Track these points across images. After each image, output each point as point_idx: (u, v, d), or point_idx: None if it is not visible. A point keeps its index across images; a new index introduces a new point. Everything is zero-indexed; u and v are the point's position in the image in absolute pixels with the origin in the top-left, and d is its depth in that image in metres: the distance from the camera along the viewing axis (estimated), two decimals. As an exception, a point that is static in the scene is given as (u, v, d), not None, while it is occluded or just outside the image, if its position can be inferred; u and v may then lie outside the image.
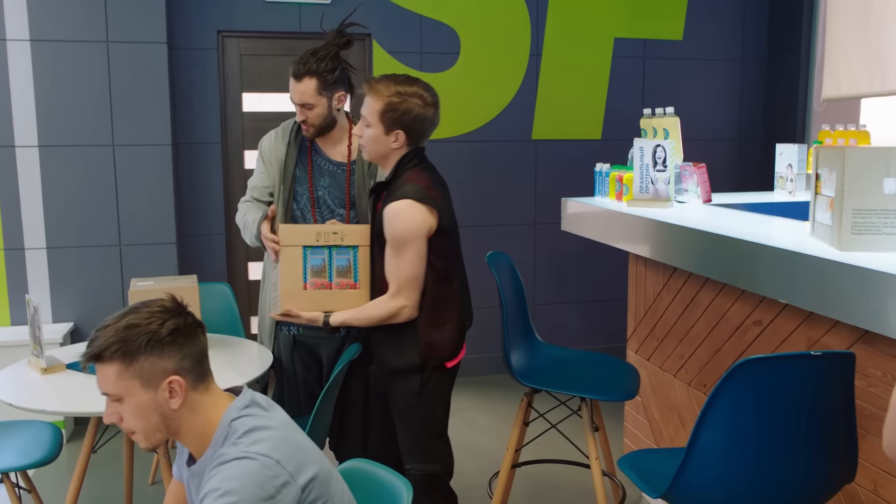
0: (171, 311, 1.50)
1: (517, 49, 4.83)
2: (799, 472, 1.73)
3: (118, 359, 1.44)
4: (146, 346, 1.45)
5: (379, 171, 2.70)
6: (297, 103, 2.70)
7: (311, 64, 2.66)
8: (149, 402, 1.47)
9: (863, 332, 2.06)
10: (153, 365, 1.46)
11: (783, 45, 5.05)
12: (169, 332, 1.47)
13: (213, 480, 1.40)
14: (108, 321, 1.48)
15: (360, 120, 2.42)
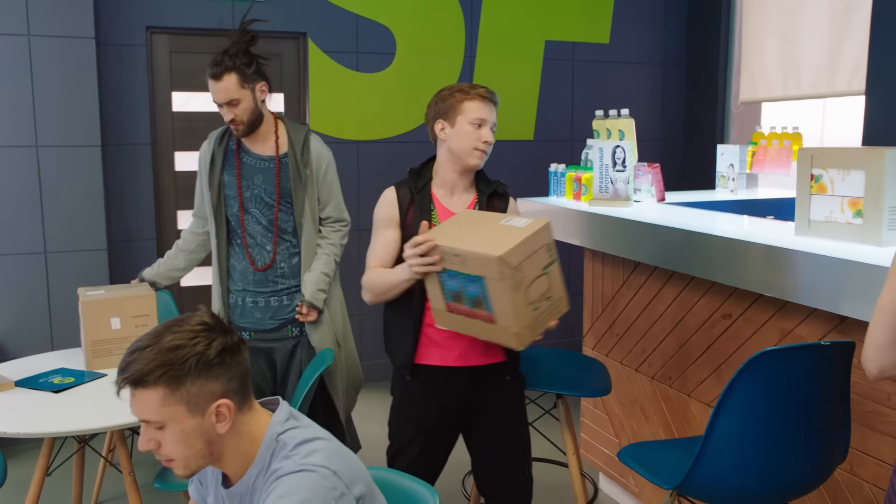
0: (214, 327, 1.40)
1: (452, 50, 4.84)
2: (803, 456, 1.82)
3: (163, 383, 1.33)
4: (194, 368, 1.34)
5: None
6: (222, 103, 2.70)
7: (226, 61, 2.68)
8: (194, 429, 1.37)
9: (837, 322, 2.19)
10: (200, 389, 1.36)
11: (702, 49, 5.29)
12: (217, 352, 1.37)
13: (273, 497, 1.33)
14: (144, 342, 1.36)
15: (490, 128, 2.31)
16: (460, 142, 2.27)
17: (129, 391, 1.37)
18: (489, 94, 2.30)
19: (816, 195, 2.18)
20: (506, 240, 1.94)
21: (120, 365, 1.37)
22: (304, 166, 2.80)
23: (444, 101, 2.31)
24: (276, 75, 4.55)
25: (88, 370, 2.71)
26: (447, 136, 2.30)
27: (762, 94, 4.90)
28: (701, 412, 2.76)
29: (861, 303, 1.94)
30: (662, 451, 2.14)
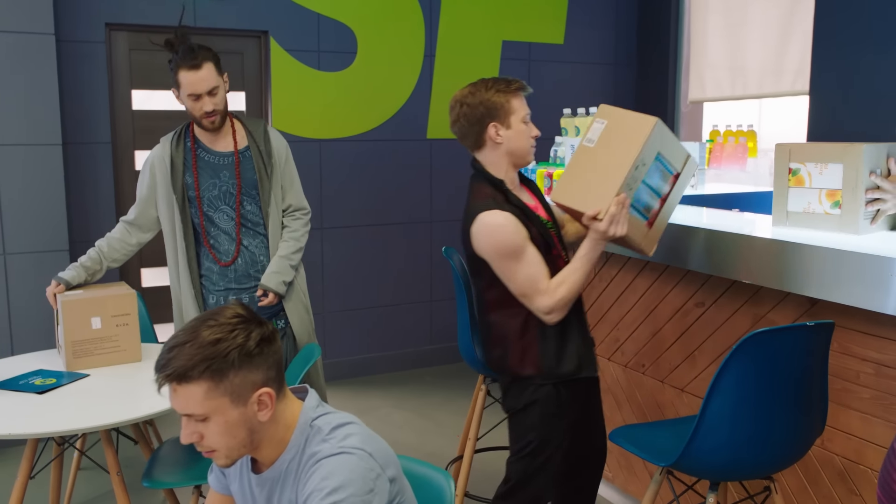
0: (249, 319, 1.43)
1: (412, 50, 4.90)
2: (789, 430, 1.95)
3: (207, 377, 1.36)
4: (237, 360, 1.37)
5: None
6: (203, 92, 2.68)
7: (202, 50, 2.68)
8: (238, 419, 1.40)
9: (808, 306, 2.33)
10: (243, 379, 1.39)
11: (651, 50, 5.47)
12: (256, 343, 1.40)
13: (314, 479, 1.38)
14: (181, 338, 1.39)
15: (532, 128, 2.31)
16: (519, 142, 2.23)
17: (169, 387, 1.39)
18: (525, 86, 2.27)
19: (794, 188, 2.32)
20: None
21: (159, 363, 1.39)
22: (269, 157, 2.85)
23: (487, 102, 2.19)
24: (238, 74, 4.53)
25: (69, 371, 2.68)
26: (505, 139, 2.22)
27: (710, 94, 5.10)
28: (674, 397, 2.88)
29: (833, 287, 2.09)
30: (652, 432, 2.25)
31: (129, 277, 4.40)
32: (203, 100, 2.68)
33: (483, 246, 2.15)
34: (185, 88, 2.67)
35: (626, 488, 3.20)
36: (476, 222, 2.15)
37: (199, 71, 2.64)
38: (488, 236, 2.13)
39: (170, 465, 2.63)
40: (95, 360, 2.71)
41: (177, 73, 2.67)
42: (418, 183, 5.04)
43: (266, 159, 2.84)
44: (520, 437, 2.30)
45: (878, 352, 2.15)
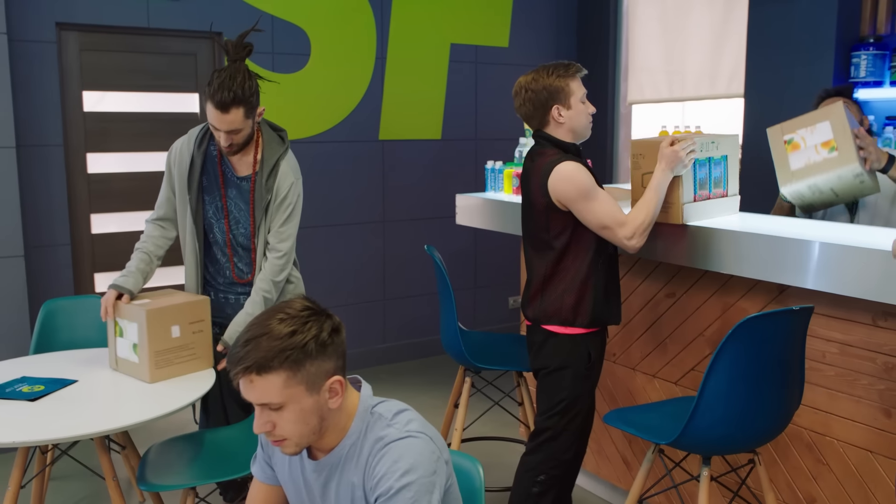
0: (319, 311, 1.50)
1: (364, 52, 4.96)
2: (775, 406, 2.13)
3: (286, 367, 1.42)
4: (314, 350, 1.44)
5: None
6: (223, 131, 2.62)
7: (235, 90, 2.56)
8: (311, 406, 1.47)
9: (776, 294, 2.54)
10: (318, 368, 1.46)
11: (591, 53, 5.69)
12: (329, 333, 1.48)
13: (385, 462, 1.46)
14: (254, 331, 1.45)
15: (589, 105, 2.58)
16: (579, 120, 2.53)
17: (245, 379, 1.44)
18: (581, 69, 2.54)
19: (792, 153, 2.66)
20: None
21: (234, 357, 1.44)
22: (267, 192, 2.78)
23: (550, 87, 2.48)
24: (191, 75, 4.49)
25: (151, 381, 2.59)
26: (566, 118, 2.51)
27: (649, 96, 5.36)
28: (646, 383, 3.06)
29: (800, 273, 2.30)
30: (642, 414, 2.40)
31: (81, 283, 4.31)
32: (220, 133, 2.63)
33: (563, 191, 2.42)
34: (209, 116, 2.61)
35: (598, 472, 3.37)
36: (554, 173, 2.43)
37: (226, 114, 2.57)
38: (568, 181, 2.41)
39: (162, 469, 2.63)
40: (175, 369, 2.64)
41: (206, 101, 2.60)
42: (371, 184, 5.11)
43: (262, 193, 2.76)
44: (551, 396, 2.56)
45: (842, 333, 2.37)
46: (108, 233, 4.37)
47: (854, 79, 4.11)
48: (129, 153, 4.40)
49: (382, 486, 1.44)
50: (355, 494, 1.52)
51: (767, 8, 4.40)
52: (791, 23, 4.29)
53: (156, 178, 4.41)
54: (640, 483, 2.38)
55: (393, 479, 1.43)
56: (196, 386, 2.59)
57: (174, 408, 2.41)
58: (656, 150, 2.51)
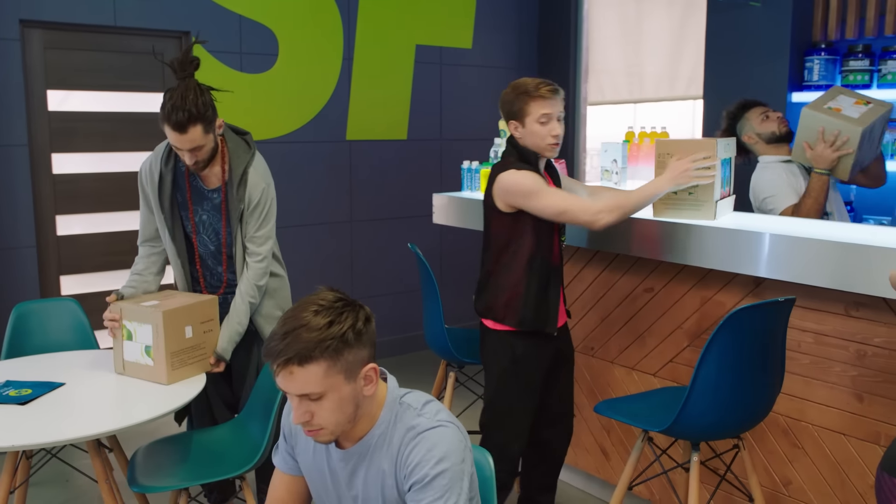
0: (350, 302, 1.55)
1: (331, 53, 4.97)
2: (760, 392, 2.25)
3: (326, 357, 1.46)
4: (353, 340, 1.49)
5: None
6: (186, 150, 2.60)
7: (189, 109, 2.53)
8: (349, 394, 1.51)
9: (753, 287, 2.67)
10: (355, 357, 1.50)
11: (552, 55, 5.81)
12: (363, 322, 1.52)
13: (419, 450, 1.51)
14: (290, 324, 1.48)
15: (556, 125, 2.59)
16: (532, 139, 2.57)
17: (285, 371, 1.47)
18: (553, 91, 2.57)
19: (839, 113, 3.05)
20: None
21: (273, 350, 1.47)
22: (239, 202, 2.78)
23: (507, 104, 2.59)
24: (158, 75, 4.44)
25: (168, 383, 2.57)
26: (521, 135, 2.58)
27: (609, 97, 5.50)
28: (624, 375, 3.17)
29: (777, 266, 2.43)
30: (631, 404, 2.50)
31: (47, 285, 4.23)
32: (183, 153, 2.61)
33: (509, 195, 2.55)
34: (168, 138, 2.61)
35: (575, 463, 3.46)
36: (498, 180, 2.57)
37: (184, 134, 2.55)
38: (510, 185, 2.53)
39: (152, 471, 2.62)
40: (188, 370, 2.63)
41: (161, 123, 2.58)
42: (339, 184, 5.12)
43: (235, 203, 2.76)
44: (485, 390, 2.73)
45: (816, 323, 2.51)
46: (73, 234, 4.30)
47: (808, 82, 4.31)
48: (95, 153, 4.33)
49: (417, 473, 1.49)
50: (385, 482, 1.57)
51: (725, 14, 4.57)
52: (748, 28, 4.47)
53: (122, 179, 4.37)
54: (630, 470, 2.47)
55: (428, 467, 1.48)
56: (187, 387, 2.59)
57: (171, 408, 2.41)
58: (682, 149, 2.62)
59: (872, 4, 4.16)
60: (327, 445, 1.65)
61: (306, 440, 1.69)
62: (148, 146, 2.74)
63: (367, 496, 1.60)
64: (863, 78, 4.12)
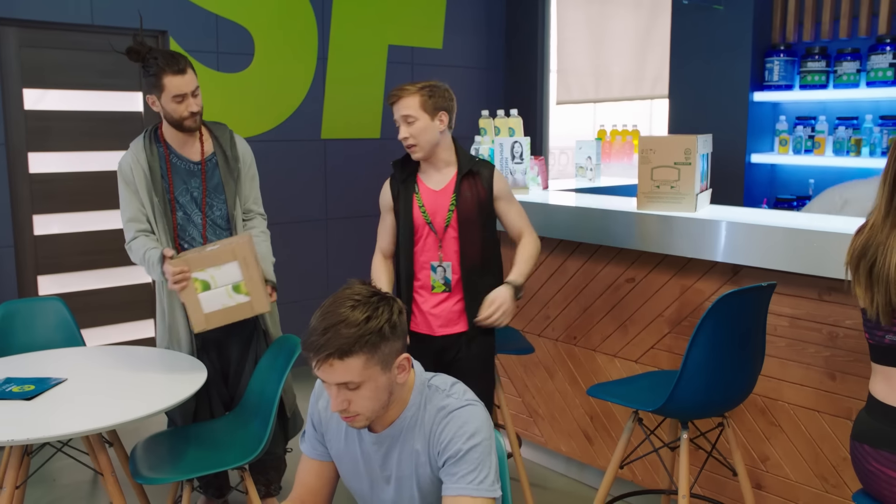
0: (383, 296, 1.62)
1: (306, 52, 5.02)
2: (745, 372, 2.40)
3: (365, 350, 1.54)
4: (389, 333, 1.57)
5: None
6: (188, 92, 2.76)
7: (181, 57, 2.78)
8: (385, 383, 1.60)
9: (731, 275, 2.83)
10: (390, 348, 1.59)
11: (519, 55, 5.94)
12: (397, 316, 1.61)
13: (452, 427, 1.60)
14: (329, 320, 1.55)
15: (401, 129, 2.63)
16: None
17: (325, 364, 1.55)
18: (393, 97, 2.66)
19: None
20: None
21: (314, 344, 1.55)
22: (235, 161, 2.95)
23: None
24: (135, 74, 4.44)
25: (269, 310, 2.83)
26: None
27: (576, 97, 5.66)
28: (607, 363, 3.31)
29: (754, 254, 2.59)
30: (621, 387, 2.63)
31: (25, 285, 4.20)
32: (188, 101, 2.75)
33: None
34: (170, 91, 2.72)
35: (558, 449, 3.59)
36: None
37: (185, 75, 2.73)
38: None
39: (154, 463, 2.66)
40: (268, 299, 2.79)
41: (161, 78, 2.71)
42: (313, 182, 5.17)
43: (233, 164, 2.93)
44: None
45: (791, 308, 2.68)
46: (51, 234, 4.27)
47: (768, 82, 4.52)
48: (73, 153, 4.31)
49: (451, 448, 1.59)
50: (419, 461, 1.66)
51: (689, 16, 4.75)
52: (711, 30, 4.66)
53: (100, 178, 4.36)
54: (622, 449, 2.61)
55: (461, 442, 1.58)
56: (191, 378, 2.64)
57: (178, 399, 2.46)
58: (666, 146, 2.73)
59: (827, 9, 4.38)
60: (359, 430, 1.73)
61: (337, 428, 1.77)
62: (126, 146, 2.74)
63: (401, 475, 1.69)
64: (820, 79, 4.35)
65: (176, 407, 2.49)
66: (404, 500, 1.71)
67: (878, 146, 4.14)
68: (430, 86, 2.66)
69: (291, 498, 1.80)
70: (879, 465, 1.80)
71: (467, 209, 2.67)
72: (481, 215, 2.69)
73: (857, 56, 4.21)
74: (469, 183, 2.70)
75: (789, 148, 4.51)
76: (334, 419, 1.77)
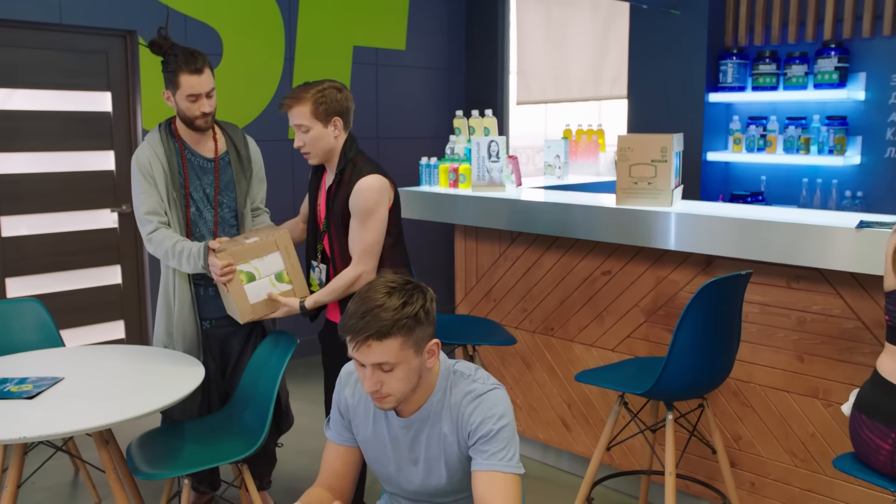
0: (416, 283, 1.71)
1: (274, 53, 5.05)
2: (726, 356, 2.57)
3: (402, 333, 1.63)
4: (423, 318, 1.67)
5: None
6: (204, 93, 2.79)
7: (200, 56, 2.79)
8: (416, 366, 1.69)
9: (704, 266, 3.00)
10: (423, 332, 1.68)
11: (479, 56, 6.07)
12: (430, 303, 1.70)
13: (481, 409, 1.71)
14: (368, 305, 1.63)
15: (296, 137, 2.70)
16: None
17: (363, 345, 1.64)
18: (284, 105, 2.69)
19: None
20: None
21: (353, 327, 1.63)
22: (248, 161, 3.02)
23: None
24: (103, 73, 4.42)
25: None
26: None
27: (537, 97, 5.81)
28: (584, 352, 3.45)
29: (727, 245, 2.76)
30: (606, 373, 2.77)
31: (-7, 289, 4.14)
32: (201, 101, 2.78)
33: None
34: (185, 90, 2.74)
35: (535, 437, 3.72)
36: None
37: (202, 76, 2.75)
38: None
39: (151, 459, 2.69)
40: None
41: (177, 76, 2.73)
42: (280, 183, 5.21)
43: (246, 164, 2.98)
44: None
45: (762, 295, 2.86)
46: (19, 236, 4.22)
47: (722, 84, 4.75)
48: (41, 153, 4.26)
49: (483, 429, 1.70)
50: (446, 441, 1.76)
51: (647, 19, 4.95)
52: (668, 33, 4.87)
53: (69, 179, 4.33)
54: (609, 431, 2.75)
55: (491, 423, 1.69)
56: (191, 374, 2.68)
57: (181, 395, 2.50)
58: (643, 144, 2.88)
59: (776, 15, 4.63)
60: (386, 416, 1.82)
61: (364, 414, 1.85)
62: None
63: (430, 456, 1.79)
64: (771, 80, 4.59)
65: (179, 402, 2.53)
66: (432, 480, 1.80)
67: (825, 144, 4.40)
68: (322, 90, 2.64)
69: (319, 482, 1.88)
70: (871, 434, 1.98)
71: (335, 214, 2.74)
72: (347, 221, 2.71)
73: (805, 59, 4.47)
74: (339, 186, 2.73)
75: (743, 146, 4.75)
76: (361, 406, 1.86)
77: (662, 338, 3.15)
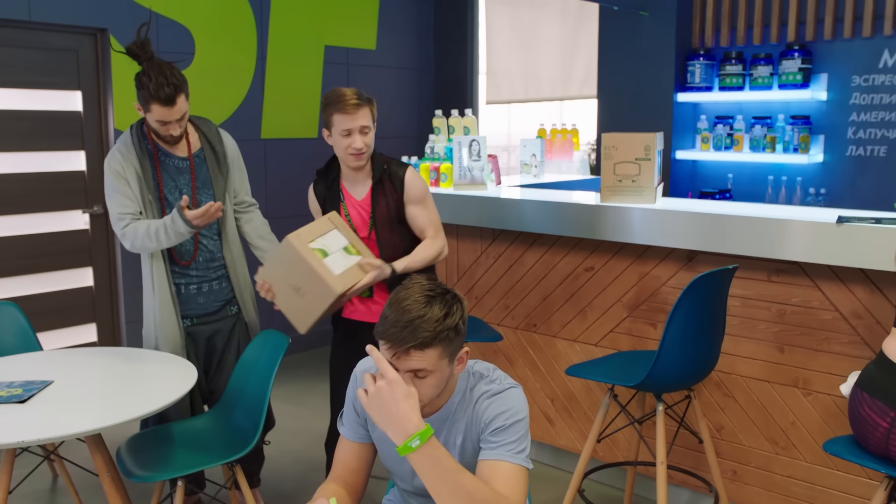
0: (452, 292, 1.73)
1: (246, 53, 5.02)
2: (713, 348, 2.65)
3: (442, 344, 1.65)
4: (461, 329, 1.70)
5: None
6: (174, 121, 2.74)
7: (172, 81, 2.68)
8: (448, 374, 1.72)
9: (686, 261, 3.08)
10: (459, 343, 1.71)
11: (449, 57, 6.11)
12: (465, 313, 1.73)
13: (496, 406, 1.74)
14: (410, 314, 1.63)
15: (356, 139, 2.71)
16: (337, 151, 2.79)
17: (403, 355, 1.65)
18: (354, 106, 2.68)
19: None
20: None
21: (394, 336, 1.64)
22: (224, 157, 2.99)
23: (323, 111, 2.74)
24: (73, 72, 4.34)
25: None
26: (332, 144, 2.78)
27: (506, 97, 5.87)
28: (566, 347, 3.52)
29: (708, 241, 2.85)
30: (595, 367, 2.82)
31: (-38, 292, 4.03)
32: (171, 125, 2.74)
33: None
34: (154, 116, 2.70)
35: (519, 431, 3.77)
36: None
37: (174, 107, 2.68)
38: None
39: (143, 462, 2.66)
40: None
41: (149, 103, 2.67)
42: (253, 182, 5.16)
43: (221, 159, 2.96)
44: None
45: (743, 289, 2.96)
46: (-12, 238, 4.12)
47: (690, 84, 4.87)
48: (9, 153, 4.17)
49: (496, 423, 1.73)
50: (465, 441, 1.80)
51: (616, 21, 5.05)
52: (637, 34, 4.97)
53: (40, 180, 4.24)
54: (599, 423, 2.81)
55: (505, 418, 1.73)
56: (182, 374, 2.67)
57: (175, 397, 2.48)
58: (627, 142, 2.95)
59: (742, 17, 4.77)
60: None
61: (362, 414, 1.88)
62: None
63: None
64: (737, 81, 4.72)
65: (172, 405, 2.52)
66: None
67: (790, 143, 4.55)
68: (369, 96, 2.81)
69: (333, 477, 1.89)
70: (870, 411, 2.07)
71: (383, 216, 2.82)
72: (398, 217, 2.83)
73: (770, 61, 4.61)
74: (382, 189, 2.83)
75: (710, 145, 4.88)
76: None
77: (645, 332, 3.23)
